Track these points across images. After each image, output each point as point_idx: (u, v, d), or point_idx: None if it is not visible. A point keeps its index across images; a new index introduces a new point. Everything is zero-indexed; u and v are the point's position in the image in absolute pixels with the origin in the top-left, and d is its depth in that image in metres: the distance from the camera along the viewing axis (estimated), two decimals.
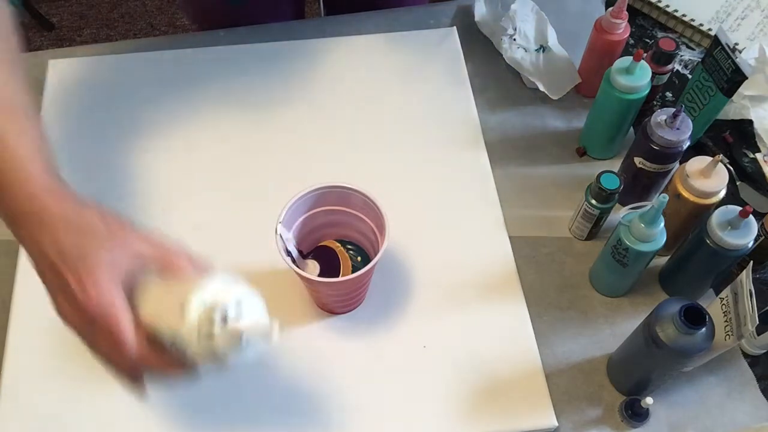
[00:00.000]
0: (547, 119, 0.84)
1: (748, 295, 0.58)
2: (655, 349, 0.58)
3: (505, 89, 0.87)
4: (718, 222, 0.62)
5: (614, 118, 0.75)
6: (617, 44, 0.78)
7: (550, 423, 0.65)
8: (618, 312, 0.71)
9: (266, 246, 0.62)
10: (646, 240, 0.63)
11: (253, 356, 0.49)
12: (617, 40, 0.77)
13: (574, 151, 0.82)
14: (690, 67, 0.89)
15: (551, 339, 0.70)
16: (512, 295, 0.71)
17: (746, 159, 0.81)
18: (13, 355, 0.66)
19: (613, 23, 0.76)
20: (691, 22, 0.90)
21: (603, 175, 0.68)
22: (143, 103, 0.82)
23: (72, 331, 0.48)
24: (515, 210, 0.77)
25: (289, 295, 0.70)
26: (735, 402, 0.67)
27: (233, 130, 0.81)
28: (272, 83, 0.85)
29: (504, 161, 0.81)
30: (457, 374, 0.67)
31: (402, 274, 0.72)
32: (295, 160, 0.79)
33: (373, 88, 0.84)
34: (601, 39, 0.78)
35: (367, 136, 0.81)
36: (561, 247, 0.75)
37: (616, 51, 0.78)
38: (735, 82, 0.72)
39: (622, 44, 0.78)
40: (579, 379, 0.68)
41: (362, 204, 0.65)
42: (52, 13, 1.98)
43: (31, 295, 0.69)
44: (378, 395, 0.66)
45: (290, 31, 0.90)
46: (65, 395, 0.65)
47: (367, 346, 0.68)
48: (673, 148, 0.67)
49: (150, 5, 2.01)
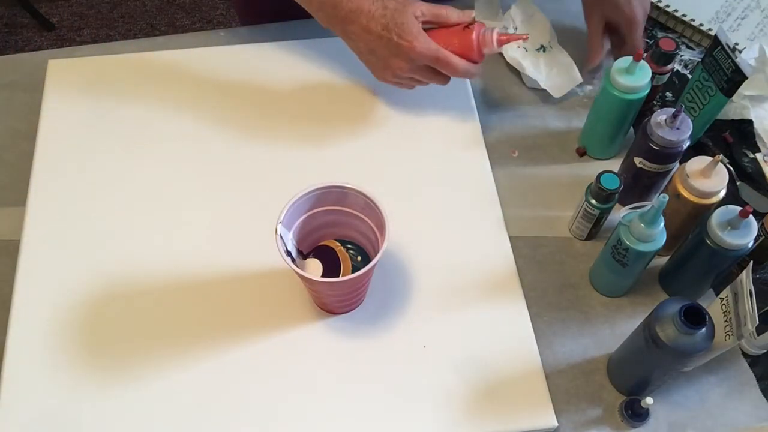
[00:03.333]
0: (547, 119, 0.84)
1: (748, 295, 0.58)
2: (655, 349, 0.58)
3: (505, 89, 0.87)
4: (718, 222, 0.62)
5: (614, 118, 0.75)
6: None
7: (550, 423, 0.65)
8: (618, 312, 0.71)
9: (266, 246, 0.62)
10: (646, 240, 0.63)
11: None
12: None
13: (574, 151, 0.82)
14: (690, 67, 0.89)
15: (551, 339, 0.70)
16: (512, 295, 0.71)
17: (746, 159, 0.81)
18: (13, 355, 0.66)
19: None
20: (691, 22, 0.90)
21: (603, 175, 0.68)
22: (143, 102, 0.82)
23: (401, 78, 0.75)
24: (515, 210, 0.77)
25: (289, 295, 0.70)
26: (735, 402, 0.67)
27: (233, 130, 0.81)
28: (273, 83, 0.85)
29: (504, 161, 0.81)
30: (457, 374, 0.67)
31: (402, 274, 0.72)
32: (296, 160, 0.79)
33: (373, 88, 0.84)
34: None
35: (367, 136, 0.81)
36: (561, 247, 0.75)
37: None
38: (735, 82, 0.72)
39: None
40: (579, 379, 0.68)
41: (362, 204, 0.65)
42: (52, 13, 1.98)
43: (31, 295, 0.69)
44: (378, 395, 0.66)
45: (290, 31, 0.90)
46: (65, 395, 0.65)
47: (367, 346, 0.68)
48: (673, 148, 0.67)
49: (150, 5, 2.01)
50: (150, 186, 0.77)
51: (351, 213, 0.67)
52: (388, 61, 0.73)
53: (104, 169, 0.78)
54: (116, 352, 0.67)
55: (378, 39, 0.71)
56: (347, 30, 0.73)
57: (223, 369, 0.66)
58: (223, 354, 0.67)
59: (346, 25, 0.72)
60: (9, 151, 0.80)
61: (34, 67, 0.86)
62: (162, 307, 0.69)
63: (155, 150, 0.79)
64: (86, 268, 0.71)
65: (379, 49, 0.72)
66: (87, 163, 0.78)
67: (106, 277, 0.71)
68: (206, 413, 0.64)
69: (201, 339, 0.68)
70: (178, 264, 0.72)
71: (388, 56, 0.72)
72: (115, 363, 0.66)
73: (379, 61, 0.74)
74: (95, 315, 0.69)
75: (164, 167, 0.78)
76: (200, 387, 0.66)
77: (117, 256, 0.72)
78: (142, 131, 0.80)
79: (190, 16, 2.00)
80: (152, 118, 0.81)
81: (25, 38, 1.93)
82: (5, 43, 1.92)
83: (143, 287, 0.70)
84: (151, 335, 0.68)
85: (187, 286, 0.70)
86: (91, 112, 0.82)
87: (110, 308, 0.69)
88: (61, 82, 0.84)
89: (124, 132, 0.80)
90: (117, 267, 0.71)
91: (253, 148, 0.80)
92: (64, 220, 0.74)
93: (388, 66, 0.74)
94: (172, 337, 0.68)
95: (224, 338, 0.68)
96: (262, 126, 0.81)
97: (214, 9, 2.02)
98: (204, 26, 1.98)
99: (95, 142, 0.79)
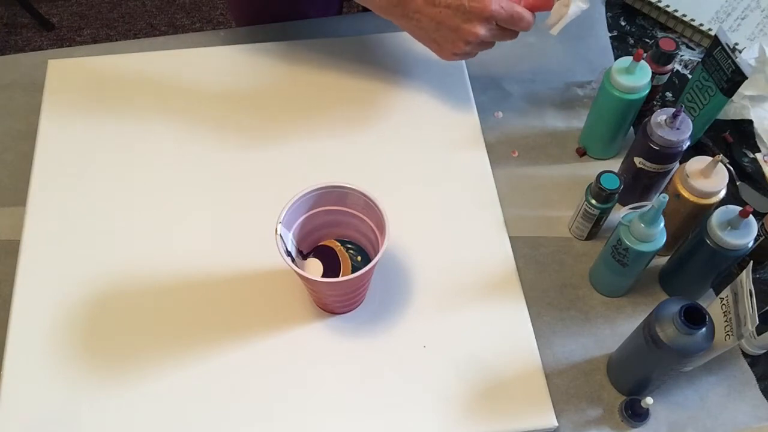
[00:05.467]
0: (547, 119, 0.84)
1: (748, 295, 0.58)
2: (655, 349, 0.58)
3: (505, 89, 0.87)
4: (718, 222, 0.62)
5: (614, 118, 0.75)
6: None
7: (550, 423, 0.65)
8: (618, 312, 0.71)
9: (266, 246, 0.62)
10: (646, 240, 0.63)
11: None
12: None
13: (574, 151, 0.82)
14: (690, 67, 0.89)
15: (551, 339, 0.70)
16: (512, 295, 0.71)
17: (746, 159, 0.81)
18: (14, 355, 0.66)
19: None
20: (691, 22, 0.90)
21: (603, 175, 0.68)
22: (143, 102, 0.82)
23: (473, 46, 0.72)
24: (515, 210, 0.77)
25: (289, 295, 0.70)
26: (735, 402, 0.67)
27: (233, 130, 0.81)
28: (273, 83, 0.85)
29: (504, 161, 0.81)
30: (457, 374, 0.67)
31: (402, 274, 0.72)
32: (296, 160, 0.79)
33: (373, 88, 0.84)
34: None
35: (367, 136, 0.81)
36: (561, 247, 0.75)
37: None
38: (735, 82, 0.72)
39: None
40: (579, 379, 0.68)
41: (362, 204, 0.65)
42: (52, 13, 1.98)
43: (31, 295, 0.70)
44: (378, 395, 0.66)
45: (290, 32, 0.90)
46: (65, 395, 0.65)
47: (367, 346, 0.68)
48: (673, 148, 0.67)
49: (150, 5, 2.01)
50: (150, 186, 0.77)
51: (351, 213, 0.67)
52: (459, 30, 0.70)
53: (104, 169, 0.78)
54: (116, 352, 0.67)
55: (446, 9, 0.69)
56: (408, 9, 0.70)
57: (223, 369, 0.66)
58: (223, 354, 0.67)
59: (406, 4, 0.70)
60: (9, 151, 0.80)
61: (34, 67, 0.86)
62: (162, 307, 0.69)
63: (155, 150, 0.79)
64: (86, 268, 0.71)
65: (447, 20, 0.69)
66: (87, 163, 0.78)
67: (107, 277, 0.71)
68: (206, 413, 0.64)
69: (201, 339, 0.68)
70: (178, 264, 0.72)
71: (459, 25, 0.69)
72: (114, 362, 0.66)
73: (450, 34, 0.71)
74: (95, 315, 0.69)
75: (164, 167, 0.78)
76: (200, 387, 0.66)
77: (117, 256, 0.72)
78: (141, 131, 0.80)
79: (190, 16, 2.00)
80: (152, 117, 0.81)
81: (25, 38, 1.93)
82: (5, 43, 1.92)
83: (143, 287, 0.70)
84: (151, 335, 0.68)
85: (187, 286, 0.70)
86: (91, 112, 0.82)
87: (110, 308, 0.69)
88: (61, 82, 0.84)
89: (124, 132, 0.80)
90: (117, 267, 0.71)
91: (253, 147, 0.80)
92: (64, 220, 0.74)
93: (459, 36, 0.70)
94: (172, 337, 0.68)
95: (224, 338, 0.68)
96: (262, 126, 0.81)
97: (214, 9, 2.02)
98: (204, 26, 1.98)
99: (95, 142, 0.79)
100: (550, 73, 0.88)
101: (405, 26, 0.73)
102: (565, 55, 0.89)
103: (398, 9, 0.71)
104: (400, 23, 0.73)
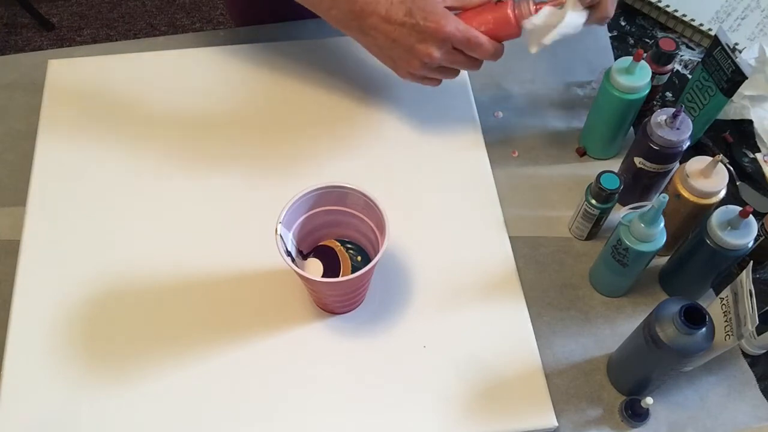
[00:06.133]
0: (547, 119, 0.84)
1: (748, 295, 0.58)
2: (655, 349, 0.58)
3: (505, 89, 0.87)
4: (718, 222, 0.62)
5: (614, 118, 0.75)
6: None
7: (550, 423, 0.65)
8: (618, 312, 0.71)
9: (266, 246, 0.62)
10: (646, 240, 0.63)
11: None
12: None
13: (574, 151, 0.82)
14: (690, 67, 0.89)
15: (551, 339, 0.70)
16: (512, 295, 0.71)
17: (746, 159, 0.81)
18: (14, 355, 0.66)
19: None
20: (691, 22, 0.90)
21: (603, 175, 0.68)
22: (143, 102, 0.82)
23: (429, 69, 0.70)
24: (515, 210, 0.77)
25: (289, 295, 0.70)
26: (735, 402, 0.67)
27: (234, 129, 0.81)
28: (273, 83, 0.85)
29: (504, 161, 0.81)
30: (457, 374, 0.67)
31: (402, 274, 0.72)
32: (296, 160, 0.79)
33: (373, 88, 0.84)
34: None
35: (367, 136, 0.81)
36: (561, 247, 0.75)
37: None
38: (735, 82, 0.72)
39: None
40: (579, 379, 0.68)
41: (362, 204, 0.65)
42: (52, 13, 1.99)
43: (31, 295, 0.70)
44: (378, 395, 0.66)
45: (290, 32, 0.90)
46: (65, 395, 0.65)
47: (367, 346, 0.68)
48: (673, 148, 0.67)
49: (150, 5, 2.02)
50: (150, 185, 0.77)
51: (351, 213, 0.67)
52: (413, 50, 0.68)
53: (104, 169, 0.78)
54: (116, 352, 0.67)
55: (401, 27, 0.67)
56: (364, 25, 0.68)
57: (223, 369, 0.66)
58: (223, 354, 0.67)
59: (363, 19, 0.68)
60: (9, 151, 0.80)
61: (34, 67, 0.86)
62: (162, 307, 0.69)
63: (155, 150, 0.79)
64: (86, 268, 0.71)
65: (402, 39, 0.67)
66: (87, 163, 0.78)
67: (107, 277, 0.71)
68: (206, 413, 0.64)
69: (201, 339, 0.68)
70: (178, 264, 0.72)
71: (413, 44, 0.67)
72: (115, 363, 0.66)
73: (404, 53, 0.69)
74: (95, 315, 0.69)
75: (164, 167, 0.78)
76: (200, 387, 0.66)
77: (117, 256, 0.72)
78: (141, 131, 0.80)
79: (190, 16, 2.01)
80: (152, 117, 0.81)
81: (25, 38, 1.93)
82: (5, 43, 1.92)
83: (143, 286, 0.70)
84: (151, 335, 0.68)
85: (187, 286, 0.70)
86: (91, 111, 0.82)
87: (110, 308, 0.69)
88: (61, 82, 0.84)
89: (124, 132, 0.80)
90: (117, 267, 0.71)
91: (253, 147, 0.80)
92: (64, 220, 0.74)
93: (414, 56, 0.68)
94: (172, 337, 0.68)
95: (224, 338, 0.68)
96: (263, 126, 0.81)
97: (214, 9, 2.02)
98: (204, 26, 1.98)
99: (95, 142, 0.79)
100: (550, 73, 0.88)
101: (362, 42, 0.71)
102: (565, 55, 0.89)
103: (355, 23, 0.69)
104: (358, 38, 0.71)
